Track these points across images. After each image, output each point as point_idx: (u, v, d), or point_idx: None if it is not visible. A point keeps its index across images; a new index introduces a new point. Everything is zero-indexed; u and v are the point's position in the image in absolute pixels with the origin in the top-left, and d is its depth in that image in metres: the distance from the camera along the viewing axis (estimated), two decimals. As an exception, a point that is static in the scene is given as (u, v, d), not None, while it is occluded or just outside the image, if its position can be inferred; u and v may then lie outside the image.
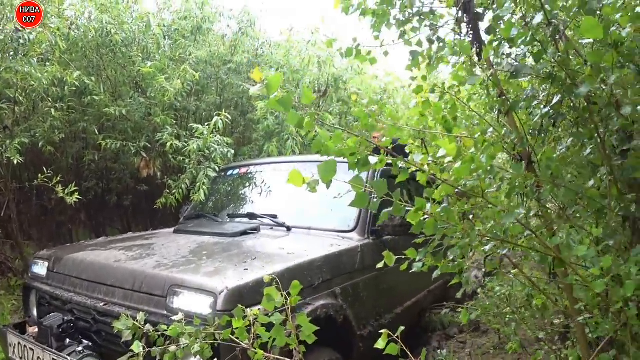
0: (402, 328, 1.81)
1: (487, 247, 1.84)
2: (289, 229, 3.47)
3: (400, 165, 1.74)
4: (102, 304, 2.54)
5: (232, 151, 5.64)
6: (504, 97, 1.99)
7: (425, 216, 1.70)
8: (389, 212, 2.11)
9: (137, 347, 1.84)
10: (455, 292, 5.45)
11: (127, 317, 1.96)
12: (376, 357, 2.57)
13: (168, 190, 5.78)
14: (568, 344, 2.53)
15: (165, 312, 2.26)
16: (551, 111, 1.89)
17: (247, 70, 7.17)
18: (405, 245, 2.07)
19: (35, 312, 3.07)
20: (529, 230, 1.78)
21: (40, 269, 3.14)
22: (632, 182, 1.87)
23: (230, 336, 1.83)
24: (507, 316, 3.37)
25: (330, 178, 1.58)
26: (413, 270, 2.01)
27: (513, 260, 2.47)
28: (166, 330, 1.84)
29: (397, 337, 1.76)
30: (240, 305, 1.84)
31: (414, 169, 1.78)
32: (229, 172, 4.67)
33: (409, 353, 1.87)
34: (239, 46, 7.20)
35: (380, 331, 1.80)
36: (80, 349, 2.47)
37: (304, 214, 3.61)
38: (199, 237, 3.35)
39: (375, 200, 1.72)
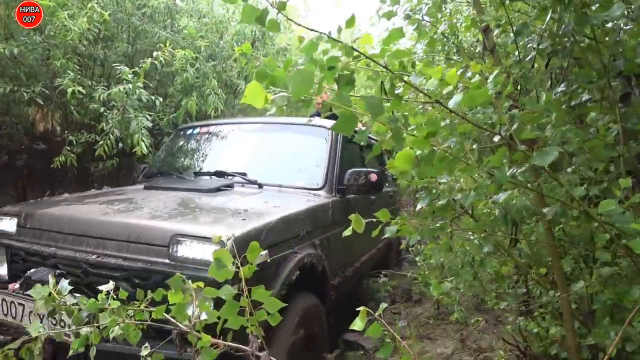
0: (384, 305, 1.68)
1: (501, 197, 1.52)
2: (260, 186, 3.53)
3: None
4: (94, 257, 2.48)
5: (160, 99, 5.05)
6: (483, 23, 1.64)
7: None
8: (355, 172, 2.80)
9: (36, 329, 1.57)
10: (393, 257, 5.84)
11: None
12: (341, 305, 3.44)
13: (69, 148, 5.05)
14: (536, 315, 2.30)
15: (168, 261, 2.29)
16: (549, 47, 1.57)
17: (165, 17, 6.44)
18: (363, 204, 2.75)
19: (4, 270, 2.89)
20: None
21: (7, 225, 2.96)
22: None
23: (165, 315, 1.45)
24: (449, 284, 3.17)
25: (305, 93, 1.16)
26: (387, 235, 1.89)
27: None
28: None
29: (380, 315, 1.54)
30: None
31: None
32: (189, 131, 4.51)
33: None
34: (155, -11, 6.42)
35: (343, 280, 2.51)
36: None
37: (273, 172, 3.68)
38: (176, 192, 3.32)
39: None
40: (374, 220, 1.71)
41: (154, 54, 4.85)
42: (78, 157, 5.39)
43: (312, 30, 1.45)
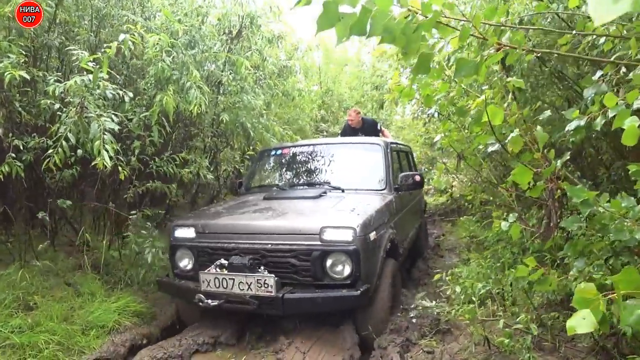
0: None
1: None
2: (343, 191, 4.67)
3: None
4: (269, 245, 3.70)
5: (130, 94, 4.09)
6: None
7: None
8: (405, 175, 4.78)
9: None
10: (423, 235, 7.31)
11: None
12: (402, 266, 5.18)
13: (14, 155, 4.04)
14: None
15: (319, 243, 3.57)
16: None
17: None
18: (407, 196, 5.35)
19: (190, 263, 4.06)
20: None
21: (188, 233, 4.05)
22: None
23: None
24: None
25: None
26: (504, 229, 2.66)
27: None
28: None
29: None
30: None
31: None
32: (272, 152, 5.69)
33: None
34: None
35: (404, 250, 4.94)
36: (266, 272, 3.60)
37: (347, 179, 4.87)
38: (292, 200, 4.51)
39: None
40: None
41: (121, 36, 3.87)
42: (29, 165, 4.38)
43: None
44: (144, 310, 4.43)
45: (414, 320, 4.05)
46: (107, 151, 3.60)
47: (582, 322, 1.07)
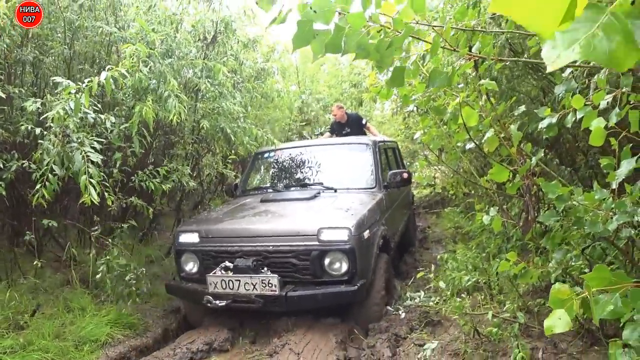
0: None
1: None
2: (335, 190, 4.90)
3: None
4: (270, 247, 3.93)
5: (112, 119, 4.09)
6: None
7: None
8: (393, 172, 5.02)
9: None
10: (412, 227, 7.49)
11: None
12: (393, 259, 5.27)
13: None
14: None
15: (317, 243, 3.81)
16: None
17: (107, 9, 5.41)
18: (396, 193, 5.68)
19: (195, 266, 4.26)
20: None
21: (190, 238, 4.26)
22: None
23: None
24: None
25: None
26: (486, 223, 2.66)
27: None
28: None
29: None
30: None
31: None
32: (266, 155, 5.98)
33: None
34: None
35: (394, 244, 5.29)
36: (269, 272, 3.84)
37: (339, 179, 5.10)
38: (288, 201, 4.72)
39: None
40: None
41: (104, 74, 3.84)
42: (10, 183, 4.34)
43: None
44: (135, 322, 4.42)
45: (402, 315, 4.11)
46: (93, 186, 3.59)
47: (558, 322, 1.14)
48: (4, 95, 3.68)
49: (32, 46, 4.96)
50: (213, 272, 3.95)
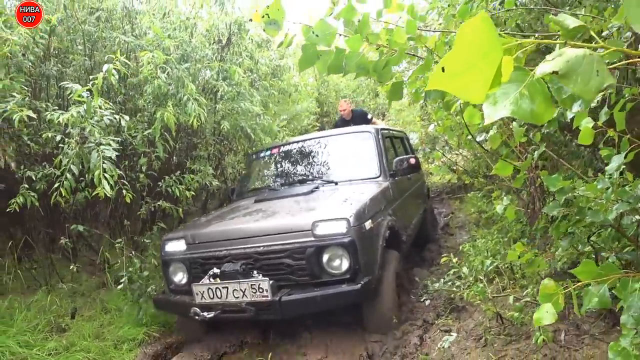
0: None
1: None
2: (336, 183, 4.60)
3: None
4: (261, 248, 3.53)
5: (127, 118, 4.22)
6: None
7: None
8: (399, 159, 4.79)
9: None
10: (429, 219, 7.04)
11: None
12: (406, 255, 4.94)
13: (27, 186, 4.19)
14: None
15: (313, 239, 3.41)
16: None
17: (123, 19, 5.56)
18: (406, 181, 5.26)
19: (184, 277, 3.89)
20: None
21: (177, 246, 3.91)
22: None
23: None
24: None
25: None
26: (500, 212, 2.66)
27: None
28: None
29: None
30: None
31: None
32: (261, 154, 5.61)
33: None
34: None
35: (407, 238, 4.71)
36: (260, 276, 3.44)
37: (340, 171, 4.82)
38: (284, 198, 4.37)
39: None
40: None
41: (104, 67, 3.96)
42: (43, 193, 4.54)
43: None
44: (169, 320, 4.60)
45: (427, 302, 4.18)
46: (107, 180, 3.71)
47: (545, 315, 1.24)
48: (34, 115, 3.85)
49: (54, 60, 5.15)
50: (201, 281, 3.58)
